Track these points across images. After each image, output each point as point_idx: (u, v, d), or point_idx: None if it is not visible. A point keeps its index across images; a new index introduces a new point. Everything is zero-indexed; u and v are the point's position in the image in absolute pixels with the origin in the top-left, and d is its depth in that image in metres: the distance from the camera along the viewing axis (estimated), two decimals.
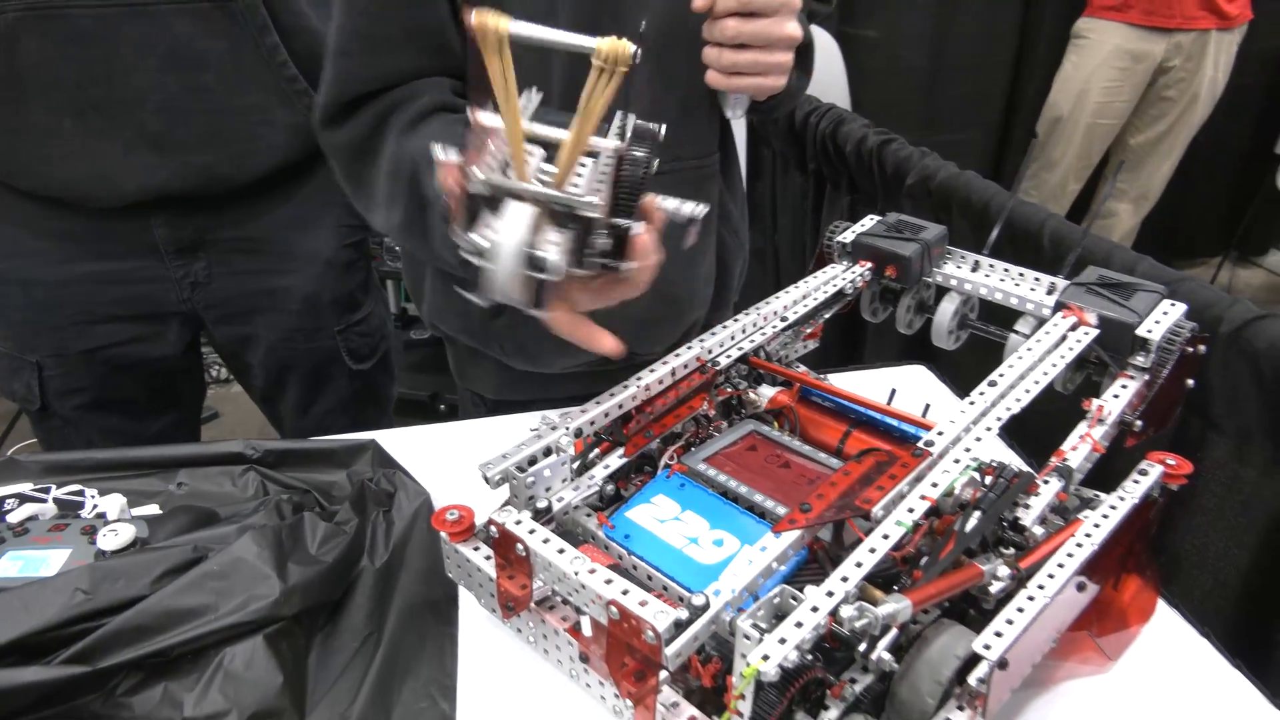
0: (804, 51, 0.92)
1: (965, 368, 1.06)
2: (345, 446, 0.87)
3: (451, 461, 0.87)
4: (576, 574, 0.54)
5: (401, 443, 0.89)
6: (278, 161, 1.02)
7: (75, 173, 0.94)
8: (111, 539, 0.69)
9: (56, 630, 0.59)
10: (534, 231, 0.52)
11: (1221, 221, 3.36)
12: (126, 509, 0.76)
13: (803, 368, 0.85)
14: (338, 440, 0.88)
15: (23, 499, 0.79)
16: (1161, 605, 0.70)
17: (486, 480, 0.62)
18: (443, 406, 2.43)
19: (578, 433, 0.66)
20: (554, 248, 0.52)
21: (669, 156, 0.90)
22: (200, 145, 0.97)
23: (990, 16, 2.93)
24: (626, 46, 0.51)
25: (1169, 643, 0.68)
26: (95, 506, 0.79)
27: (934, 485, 0.57)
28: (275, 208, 1.06)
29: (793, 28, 0.78)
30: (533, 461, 0.63)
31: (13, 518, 0.73)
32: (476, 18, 0.49)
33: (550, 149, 0.54)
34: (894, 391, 0.78)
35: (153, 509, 0.80)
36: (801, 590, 0.52)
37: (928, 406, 0.76)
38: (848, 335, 1.38)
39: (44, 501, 0.79)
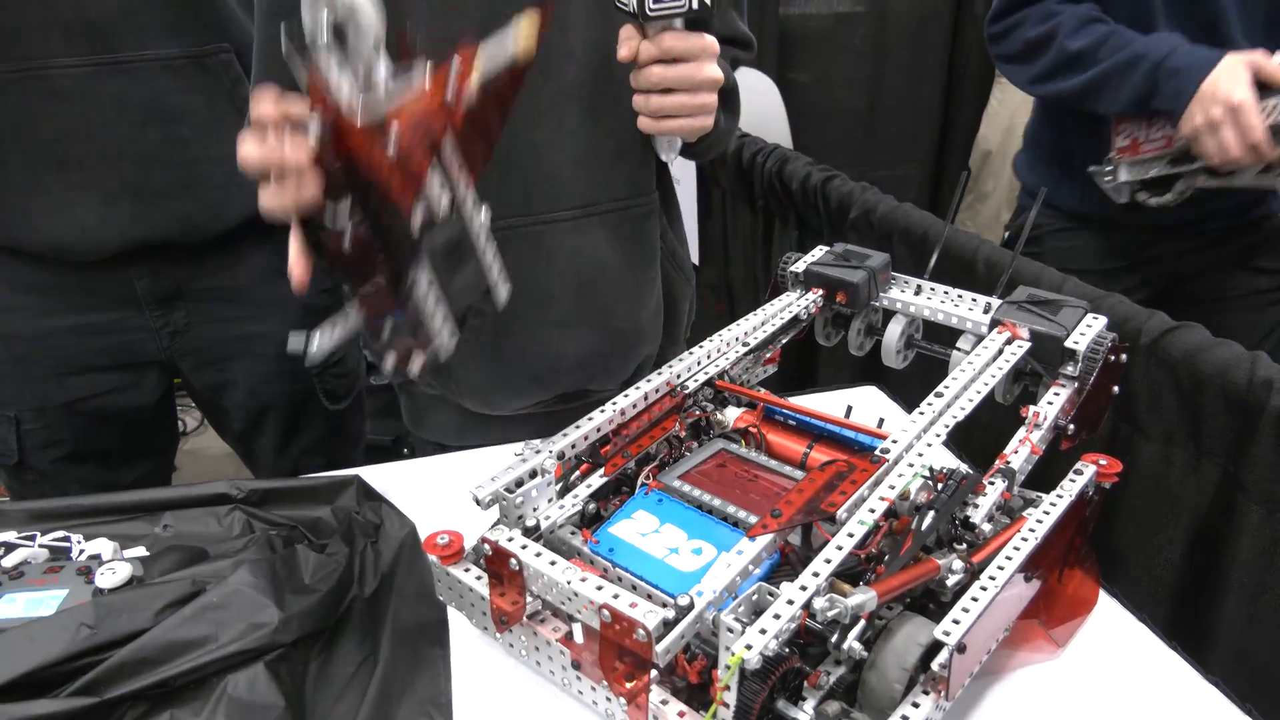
0: (729, 95, 0.97)
1: (913, 386, 1.13)
2: (329, 483, 0.90)
3: (430, 494, 0.91)
4: (569, 583, 0.58)
5: (381, 479, 0.92)
6: (253, 210, 1.05)
7: (56, 227, 0.96)
8: (109, 577, 0.71)
9: (63, 664, 0.61)
10: None
11: None
12: (119, 550, 0.78)
13: (764, 390, 0.91)
14: (321, 477, 0.91)
15: (9, 546, 0.80)
16: (1104, 596, 0.76)
17: (478, 501, 0.66)
18: (405, 450, 2.44)
19: (560, 455, 0.71)
20: None
21: (608, 197, 0.96)
22: (178, 195, 1.00)
23: (919, 59, 3.09)
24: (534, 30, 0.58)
25: (1112, 630, 0.74)
26: (83, 551, 0.80)
27: (891, 488, 0.62)
28: (252, 256, 1.09)
29: (713, 70, 0.83)
30: (520, 483, 0.68)
31: (6, 562, 0.75)
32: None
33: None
34: (850, 409, 0.84)
35: (139, 551, 0.82)
36: (777, 588, 0.57)
37: (881, 420, 0.82)
38: (802, 360, 1.45)
39: (30, 547, 0.80)
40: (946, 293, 0.90)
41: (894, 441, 0.67)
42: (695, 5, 0.78)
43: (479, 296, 0.68)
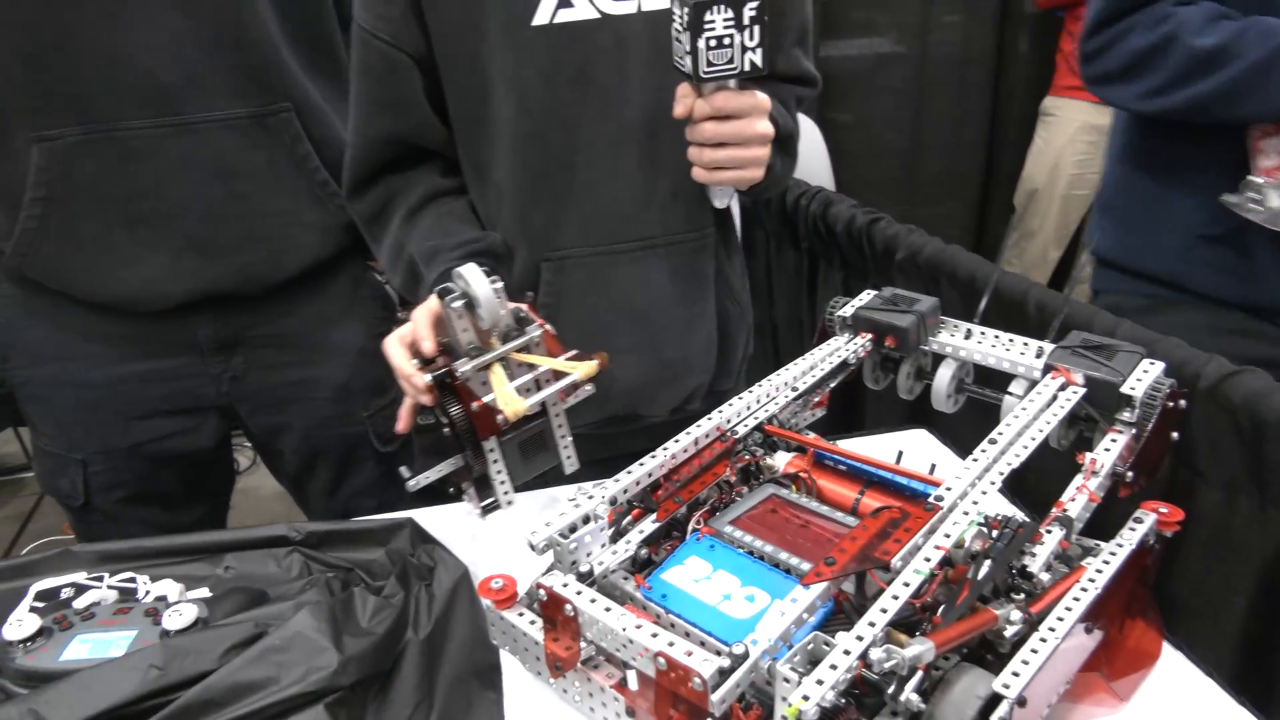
0: (787, 139, 1.01)
1: (963, 430, 1.12)
2: (383, 525, 0.92)
3: (482, 537, 0.92)
4: (624, 629, 0.58)
5: (432, 521, 0.93)
6: (310, 259, 1.10)
7: (126, 280, 1.01)
8: (176, 619, 0.73)
9: (134, 705, 0.63)
10: None
11: None
12: (184, 592, 0.80)
13: (812, 434, 0.91)
14: (376, 520, 0.93)
15: (79, 587, 0.83)
16: (1167, 648, 0.75)
17: (532, 547, 0.67)
18: (451, 490, 2.46)
19: (612, 501, 0.71)
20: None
21: (663, 232, 0.99)
22: (239, 248, 1.04)
23: (961, 99, 3.09)
24: (594, 369, 0.87)
25: (1177, 683, 0.72)
26: (149, 592, 0.83)
27: (946, 536, 0.62)
28: (308, 304, 1.12)
29: (764, 126, 0.87)
30: (573, 529, 0.68)
31: (78, 604, 0.77)
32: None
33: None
34: (901, 453, 0.84)
35: (203, 592, 0.84)
36: (832, 637, 0.57)
37: (933, 466, 0.81)
38: (849, 403, 1.44)
39: (99, 589, 0.83)
40: (998, 337, 0.90)
41: (948, 489, 0.67)
42: (747, 68, 0.81)
43: (545, 469, 0.94)
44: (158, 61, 0.94)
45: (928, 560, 0.60)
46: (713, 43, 0.80)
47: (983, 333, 0.91)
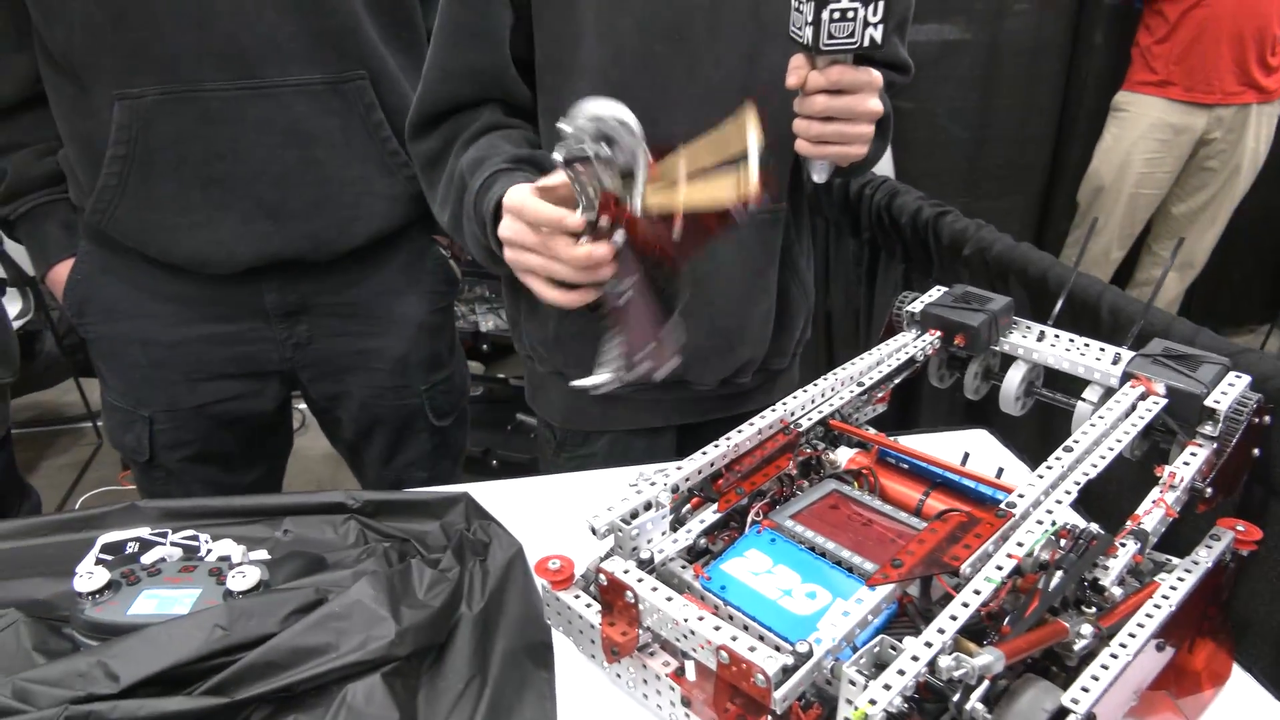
0: (883, 122, 0.99)
1: (1024, 432, 1.09)
2: (439, 499, 0.92)
3: (536, 513, 0.92)
4: (686, 620, 0.58)
5: (487, 497, 0.94)
6: (377, 228, 1.10)
7: (199, 241, 1.02)
8: (240, 580, 0.74)
9: (197, 663, 0.65)
10: None
11: (1266, 289, 3.36)
12: (246, 554, 0.82)
13: (872, 430, 0.89)
14: (432, 492, 0.94)
15: (143, 542, 0.85)
16: (1237, 670, 0.72)
17: (594, 531, 0.67)
18: (495, 462, 2.49)
19: (674, 488, 0.71)
20: None
21: None
22: (309, 214, 1.05)
23: (1030, 90, 3.01)
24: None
25: (1246, 706, 0.70)
26: (210, 550, 0.84)
27: (1019, 545, 0.60)
28: (373, 274, 1.13)
29: (875, 104, 0.86)
30: (634, 514, 0.68)
31: (145, 559, 0.79)
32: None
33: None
34: (967, 455, 0.82)
35: (262, 554, 0.86)
36: (899, 641, 0.56)
37: (1000, 470, 0.80)
38: (905, 399, 1.42)
39: (164, 545, 0.85)
40: (1072, 340, 0.87)
41: (1020, 495, 0.65)
42: (867, 43, 0.79)
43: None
44: (239, 24, 0.95)
45: (999, 569, 0.59)
46: (836, 15, 0.78)
47: (1056, 335, 0.89)
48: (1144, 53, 2.69)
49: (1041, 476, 0.67)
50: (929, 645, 0.54)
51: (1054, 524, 0.63)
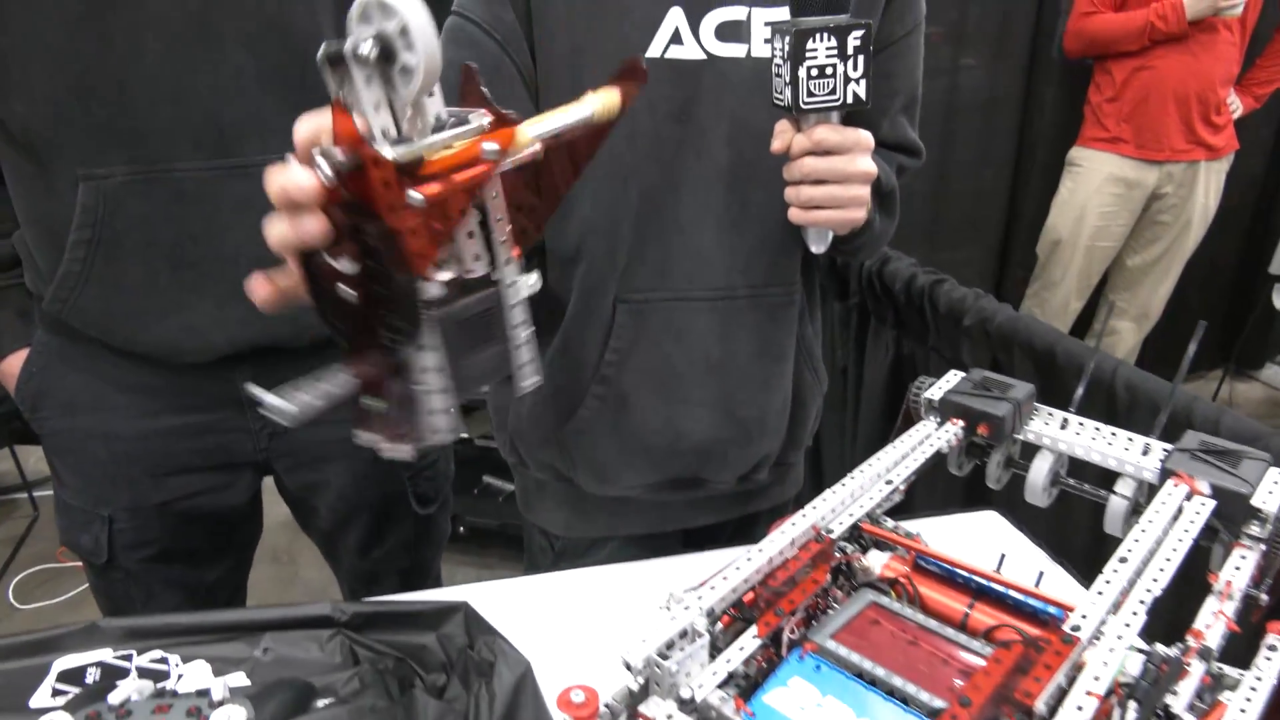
0: (888, 197, 0.97)
1: (1029, 509, 1.06)
2: (435, 608, 0.85)
3: (536, 618, 0.87)
4: None
5: (480, 599, 0.87)
6: None
7: (168, 328, 0.94)
8: None
9: None
10: None
11: (1218, 337, 3.46)
12: (225, 686, 0.74)
13: (890, 521, 0.85)
14: (427, 602, 0.86)
15: (105, 668, 0.76)
16: None
17: (629, 668, 0.61)
18: (462, 529, 2.40)
19: (710, 613, 0.65)
20: None
21: (747, 283, 0.94)
22: None
23: (985, 142, 3.08)
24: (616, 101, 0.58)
25: None
26: (182, 676, 0.76)
27: (1096, 679, 0.56)
28: None
29: (865, 164, 0.83)
30: (670, 645, 0.62)
31: (113, 699, 0.70)
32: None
33: None
34: (1003, 557, 0.78)
35: (239, 676, 0.78)
36: None
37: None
38: None
39: (126, 672, 0.77)
40: (1098, 429, 0.84)
41: (1084, 617, 0.61)
42: (850, 99, 0.77)
43: (495, 380, 0.58)
44: (219, 101, 0.89)
45: (1080, 710, 0.54)
46: (814, 72, 0.76)
47: (1080, 423, 0.86)
48: (1095, 110, 2.77)
49: (1101, 594, 0.63)
50: None
51: (1127, 650, 0.59)
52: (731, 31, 0.88)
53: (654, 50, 0.87)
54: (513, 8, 0.86)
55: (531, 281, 0.56)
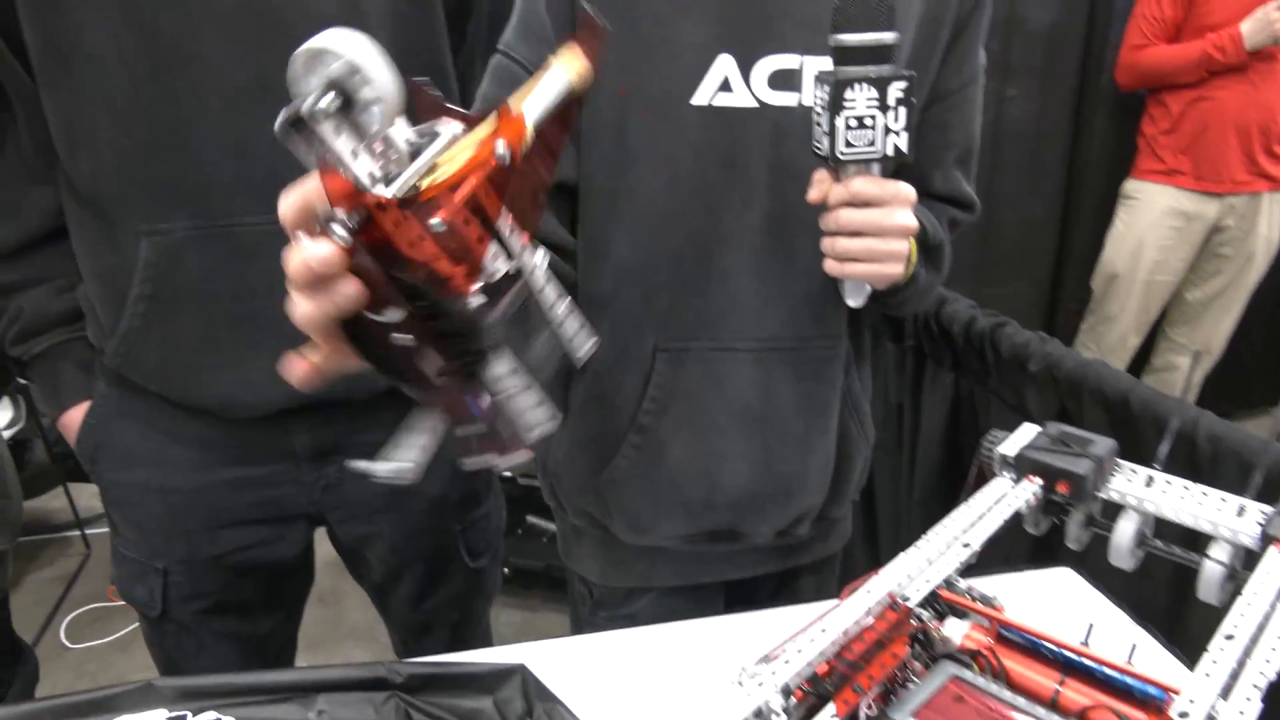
0: (934, 251, 0.94)
1: (1102, 565, 1.02)
2: (492, 671, 0.83)
3: (590, 680, 0.85)
4: None
5: (532, 659, 0.85)
6: None
7: (225, 383, 0.94)
8: None
9: None
10: None
11: (1276, 371, 3.34)
12: None
13: (963, 583, 0.81)
14: (484, 665, 0.84)
15: None
16: None
17: None
18: (507, 570, 2.38)
19: (785, 690, 0.62)
20: None
21: (791, 334, 0.92)
22: None
23: (1035, 176, 3.03)
24: (586, 64, 0.53)
25: None
26: None
27: None
28: (409, 412, 1.05)
29: (905, 217, 0.81)
30: None
31: None
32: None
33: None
34: (1091, 628, 0.74)
35: None
36: None
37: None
38: None
39: None
40: (1187, 488, 0.80)
41: (1191, 703, 0.57)
42: (890, 151, 0.75)
43: (557, 363, 0.57)
44: (280, 155, 0.89)
45: None
46: (853, 122, 0.74)
47: (1168, 480, 0.82)
48: (1150, 142, 2.71)
49: (1209, 675, 0.59)
50: None
51: None
52: (784, 80, 0.87)
53: (701, 97, 0.86)
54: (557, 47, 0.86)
55: (543, 258, 0.54)
